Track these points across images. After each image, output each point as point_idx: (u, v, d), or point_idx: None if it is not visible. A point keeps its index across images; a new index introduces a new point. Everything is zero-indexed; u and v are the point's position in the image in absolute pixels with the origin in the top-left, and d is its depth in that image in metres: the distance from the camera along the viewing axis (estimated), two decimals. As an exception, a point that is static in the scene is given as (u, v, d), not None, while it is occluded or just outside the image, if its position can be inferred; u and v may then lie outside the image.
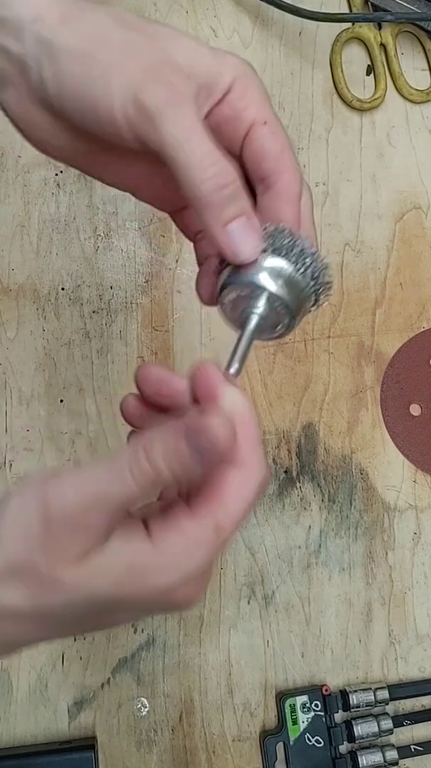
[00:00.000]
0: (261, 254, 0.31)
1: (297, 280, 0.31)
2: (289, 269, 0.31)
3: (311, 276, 0.32)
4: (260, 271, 0.31)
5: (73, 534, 0.27)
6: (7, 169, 0.57)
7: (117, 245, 0.58)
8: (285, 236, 0.31)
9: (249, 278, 0.31)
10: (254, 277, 0.31)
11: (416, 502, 0.59)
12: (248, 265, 0.31)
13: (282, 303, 0.31)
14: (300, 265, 0.31)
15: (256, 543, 0.56)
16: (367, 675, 0.56)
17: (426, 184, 0.64)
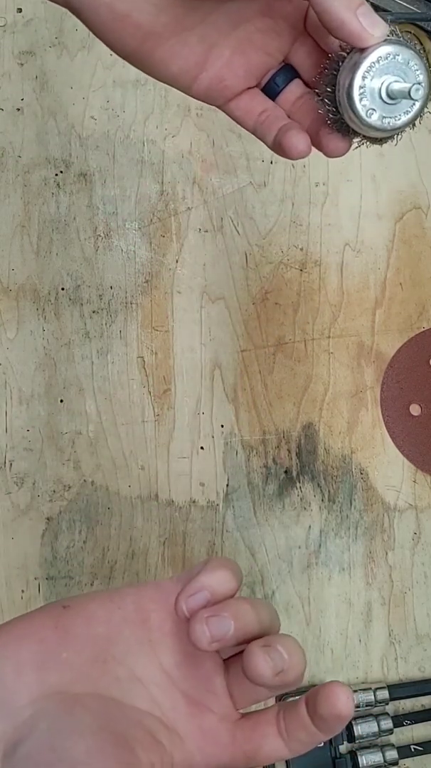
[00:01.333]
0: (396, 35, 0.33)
1: (415, 46, 0.33)
2: (403, 38, 0.33)
3: (417, 47, 0.33)
4: (382, 44, 0.32)
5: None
6: (7, 169, 0.57)
7: (117, 245, 0.58)
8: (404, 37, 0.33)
9: (378, 50, 0.32)
10: (380, 47, 0.32)
11: (416, 502, 0.59)
12: (366, 50, 0.32)
13: (413, 60, 0.33)
14: (407, 38, 0.33)
15: (256, 543, 0.56)
16: (367, 675, 0.56)
17: (426, 184, 0.64)
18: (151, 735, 0.29)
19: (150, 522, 0.55)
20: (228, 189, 0.60)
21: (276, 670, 0.29)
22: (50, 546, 0.53)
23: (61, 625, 0.30)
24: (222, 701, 0.32)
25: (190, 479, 0.56)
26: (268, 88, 0.37)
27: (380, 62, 0.32)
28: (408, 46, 0.33)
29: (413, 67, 0.33)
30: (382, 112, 0.34)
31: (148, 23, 0.33)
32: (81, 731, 0.27)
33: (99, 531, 0.54)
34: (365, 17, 0.31)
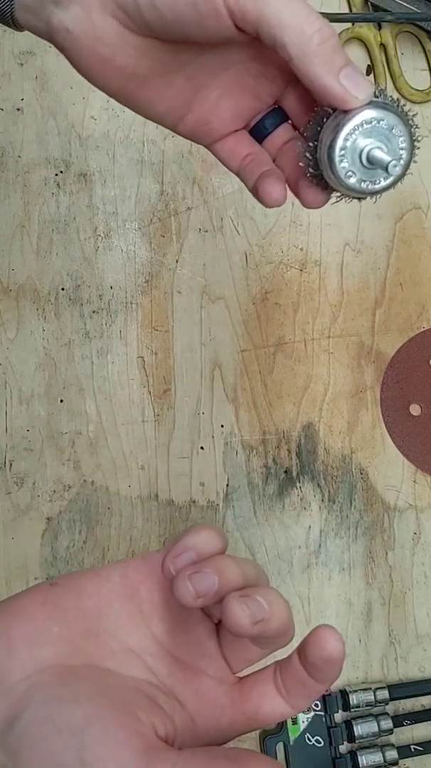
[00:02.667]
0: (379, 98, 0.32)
1: (399, 110, 0.33)
2: (389, 101, 0.33)
3: (406, 111, 0.33)
4: (365, 107, 0.32)
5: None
6: (7, 169, 0.57)
7: (117, 245, 0.58)
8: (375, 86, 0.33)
9: (361, 114, 0.32)
10: (363, 111, 0.32)
11: (416, 502, 0.59)
12: (349, 112, 0.32)
13: (396, 127, 0.32)
14: (392, 101, 0.33)
15: (256, 543, 0.56)
16: (367, 675, 0.56)
17: (426, 184, 0.64)
18: (150, 699, 0.29)
19: (150, 522, 0.55)
20: (228, 189, 0.60)
21: (254, 619, 0.28)
22: (50, 546, 0.53)
23: (49, 602, 0.30)
24: (217, 664, 0.32)
25: (190, 479, 0.56)
26: (256, 130, 0.37)
27: (363, 126, 0.32)
28: (394, 110, 0.32)
29: (396, 133, 0.33)
30: (361, 175, 0.33)
31: (131, 66, 0.33)
32: (77, 699, 0.27)
33: (99, 531, 0.54)
34: (349, 79, 0.31)
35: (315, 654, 0.30)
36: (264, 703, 0.31)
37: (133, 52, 0.32)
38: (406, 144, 0.33)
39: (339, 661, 0.30)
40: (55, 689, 0.28)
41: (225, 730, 0.31)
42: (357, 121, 0.32)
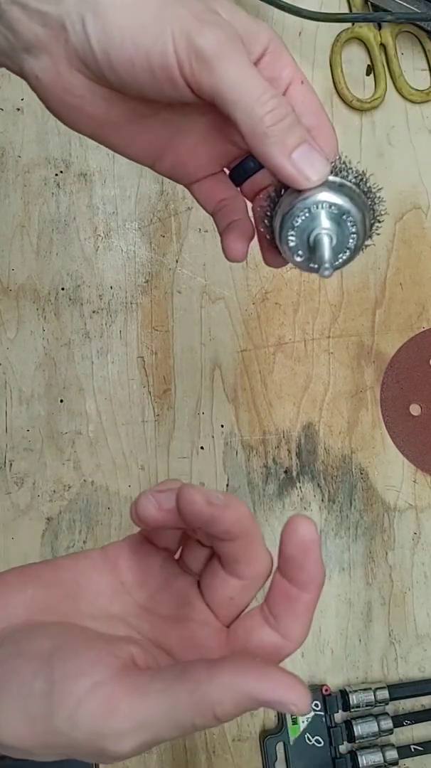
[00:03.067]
0: (334, 177, 0.31)
1: (356, 192, 0.31)
2: (347, 182, 0.31)
3: (367, 189, 0.32)
4: (321, 188, 0.31)
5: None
6: (7, 169, 0.57)
7: (117, 245, 0.58)
8: (337, 160, 0.32)
9: (313, 197, 0.31)
10: (317, 193, 0.31)
11: (416, 502, 0.59)
12: (304, 191, 0.31)
13: (348, 214, 0.31)
14: (354, 179, 0.32)
15: (256, 543, 0.56)
16: (367, 675, 0.56)
17: (426, 184, 0.64)
18: (130, 638, 0.29)
19: (150, 522, 0.55)
20: (228, 189, 0.60)
21: (207, 498, 0.28)
22: (50, 546, 0.53)
23: (26, 572, 0.30)
24: (200, 608, 0.31)
25: (190, 479, 0.56)
26: (235, 174, 0.37)
27: (312, 210, 0.31)
28: (349, 193, 0.31)
29: (348, 221, 0.31)
30: (307, 256, 0.32)
31: (102, 114, 0.33)
32: (46, 634, 0.27)
33: (99, 531, 0.54)
34: (301, 160, 0.30)
35: (290, 543, 0.29)
36: (253, 636, 0.30)
37: (102, 102, 0.32)
38: (358, 231, 0.32)
39: (315, 546, 0.28)
40: (26, 632, 0.28)
41: None
42: (308, 203, 0.31)
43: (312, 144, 0.31)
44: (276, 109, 0.30)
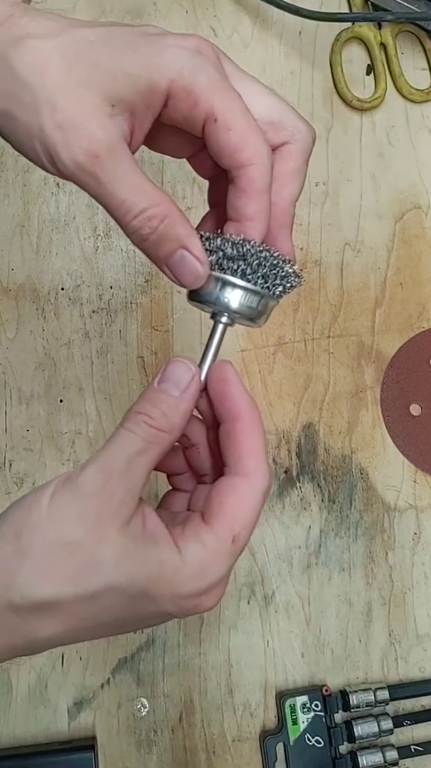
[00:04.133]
0: (220, 273, 0.32)
1: (249, 292, 0.32)
2: (247, 288, 0.32)
3: (272, 287, 0.33)
4: (213, 291, 0.32)
5: (107, 506, 0.29)
6: (6, 169, 0.57)
7: (117, 245, 0.58)
8: (245, 252, 0.32)
9: (208, 299, 0.33)
10: (212, 298, 0.32)
11: (416, 502, 0.59)
12: (208, 283, 0.32)
13: (241, 314, 0.33)
14: (253, 277, 0.32)
15: (256, 543, 0.56)
16: (367, 675, 0.56)
17: (426, 184, 0.64)
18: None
19: (150, 522, 0.54)
20: (228, 189, 0.60)
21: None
22: (50, 546, 0.53)
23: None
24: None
25: (189, 479, 0.56)
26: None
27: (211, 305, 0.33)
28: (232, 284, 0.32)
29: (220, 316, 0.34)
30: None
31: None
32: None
33: (99, 531, 0.54)
34: (175, 268, 0.32)
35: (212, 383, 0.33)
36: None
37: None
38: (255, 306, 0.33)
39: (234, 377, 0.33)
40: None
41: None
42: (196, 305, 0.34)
43: (190, 248, 0.31)
44: (145, 223, 0.30)
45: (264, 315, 0.34)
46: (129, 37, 0.30)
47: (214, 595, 0.31)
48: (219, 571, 0.30)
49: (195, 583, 0.30)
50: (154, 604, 0.30)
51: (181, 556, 0.30)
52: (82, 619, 0.29)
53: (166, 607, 0.30)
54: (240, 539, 0.31)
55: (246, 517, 0.31)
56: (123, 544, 0.29)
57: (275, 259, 0.32)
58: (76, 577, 0.28)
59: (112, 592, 0.29)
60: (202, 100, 0.30)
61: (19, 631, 0.29)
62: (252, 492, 0.31)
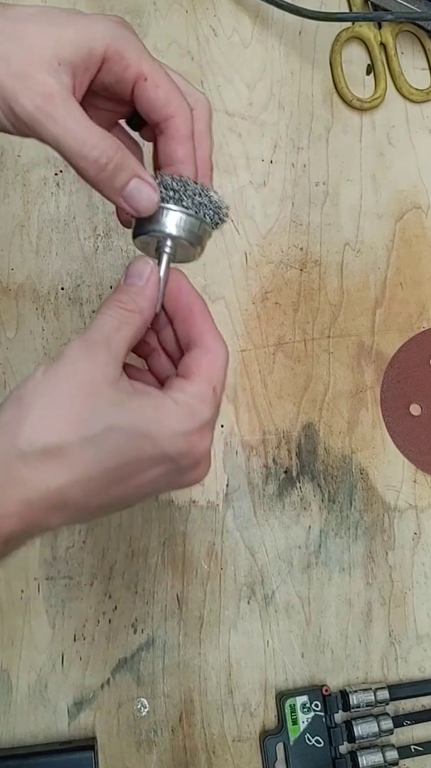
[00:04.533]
0: (161, 204, 0.37)
1: (193, 220, 0.37)
2: (184, 213, 0.37)
3: (206, 212, 0.37)
4: (159, 220, 0.37)
5: (94, 367, 0.32)
6: (6, 169, 0.57)
7: (116, 245, 0.58)
8: (179, 183, 0.37)
9: (152, 228, 0.37)
10: (156, 226, 0.37)
11: (416, 502, 0.59)
12: (152, 214, 0.37)
13: (183, 240, 0.37)
14: (193, 207, 0.37)
15: (256, 543, 0.56)
16: (367, 675, 0.56)
17: (426, 184, 0.64)
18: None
19: (150, 522, 0.54)
20: (228, 189, 0.60)
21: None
22: (50, 546, 0.53)
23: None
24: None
25: (189, 479, 0.56)
26: (130, 124, 0.41)
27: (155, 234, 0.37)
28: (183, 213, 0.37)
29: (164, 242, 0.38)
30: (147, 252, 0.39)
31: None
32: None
33: (99, 531, 0.54)
34: (131, 196, 0.36)
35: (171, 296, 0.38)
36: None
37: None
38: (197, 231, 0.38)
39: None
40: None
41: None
42: (142, 241, 0.38)
43: (142, 176, 0.36)
44: (98, 158, 0.34)
45: (201, 244, 0.38)
46: (65, 13, 0.35)
47: (201, 442, 0.34)
48: (206, 413, 0.34)
49: (188, 421, 0.33)
50: (154, 445, 0.32)
51: (172, 400, 0.34)
52: (88, 464, 0.31)
53: (165, 447, 0.33)
54: (218, 390, 0.35)
55: (219, 375, 0.35)
56: (116, 394, 0.32)
57: (208, 191, 0.38)
58: (76, 422, 0.31)
59: (113, 432, 0.32)
60: (132, 62, 0.35)
61: (31, 483, 0.31)
62: (220, 356, 0.36)
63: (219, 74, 0.61)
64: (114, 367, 0.33)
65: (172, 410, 0.33)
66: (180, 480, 0.36)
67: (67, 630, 0.52)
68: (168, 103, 0.36)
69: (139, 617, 0.53)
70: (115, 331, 0.34)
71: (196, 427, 0.34)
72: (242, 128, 0.61)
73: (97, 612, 0.53)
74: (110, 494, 0.33)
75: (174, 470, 0.34)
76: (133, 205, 0.36)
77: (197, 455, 0.34)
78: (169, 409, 0.33)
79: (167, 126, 0.36)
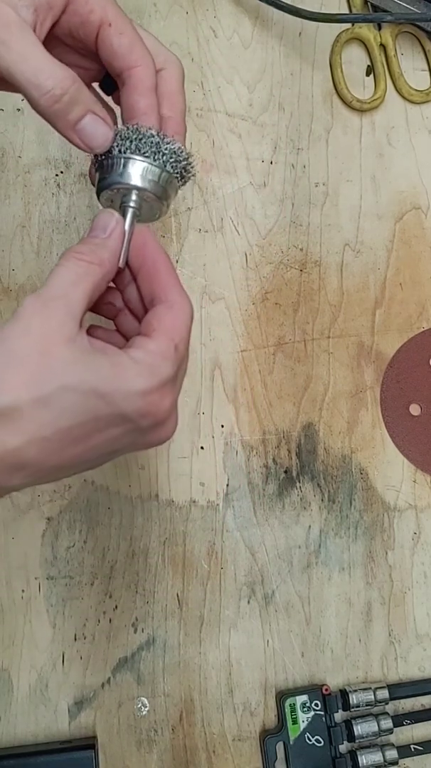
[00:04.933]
0: (120, 155, 0.36)
1: (155, 169, 0.36)
2: (145, 162, 0.36)
3: (168, 161, 0.36)
4: (122, 171, 0.36)
5: (48, 323, 0.31)
6: (7, 170, 0.57)
7: (117, 245, 0.58)
8: (139, 132, 0.36)
9: (114, 180, 0.36)
10: (117, 178, 0.36)
11: (416, 502, 0.59)
12: (113, 167, 0.36)
13: (148, 191, 0.36)
14: (154, 156, 0.36)
15: (256, 543, 0.56)
16: (367, 675, 0.56)
17: (426, 184, 0.64)
18: None
19: (150, 522, 0.55)
20: (228, 189, 0.60)
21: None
22: (50, 546, 0.53)
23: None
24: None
25: (190, 479, 0.56)
26: (102, 87, 0.40)
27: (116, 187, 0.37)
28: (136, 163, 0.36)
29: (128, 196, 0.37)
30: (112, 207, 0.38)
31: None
32: None
33: (99, 531, 0.54)
34: (84, 131, 0.35)
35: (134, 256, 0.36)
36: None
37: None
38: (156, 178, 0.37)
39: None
40: None
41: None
42: (105, 195, 0.37)
43: (97, 112, 0.35)
44: (53, 89, 0.33)
45: (166, 197, 0.37)
46: None
47: (162, 401, 0.33)
48: (167, 370, 0.33)
49: (145, 379, 0.32)
50: (110, 405, 0.31)
51: (130, 358, 0.32)
52: (43, 425, 0.31)
53: (122, 406, 0.32)
54: (181, 349, 0.34)
55: (182, 332, 0.34)
56: (71, 352, 0.31)
57: (170, 141, 0.36)
58: (29, 383, 0.30)
59: (66, 392, 0.31)
60: (97, 7, 0.35)
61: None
62: (183, 313, 0.35)
63: (220, 75, 0.61)
64: (70, 323, 0.32)
65: (130, 368, 0.32)
66: (143, 440, 0.34)
67: (67, 629, 0.52)
68: (131, 50, 0.35)
69: (139, 617, 0.53)
70: (72, 285, 0.33)
71: (155, 386, 0.32)
72: (242, 129, 0.61)
73: (97, 611, 0.53)
74: (68, 454, 0.32)
75: (134, 430, 0.33)
76: (86, 142, 0.35)
77: (158, 415, 0.33)
78: (126, 368, 0.32)
79: (129, 76, 0.36)
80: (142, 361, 0.33)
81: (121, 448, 0.34)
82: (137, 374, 0.32)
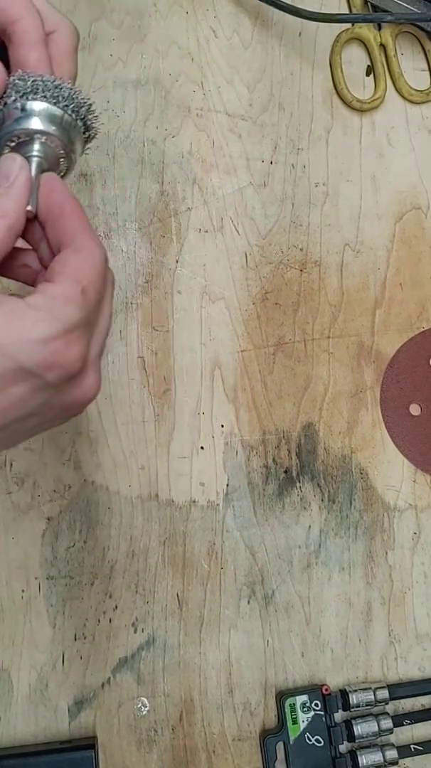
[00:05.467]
0: (16, 101, 0.34)
1: (55, 111, 0.34)
2: (44, 103, 0.34)
3: (69, 106, 0.35)
4: (19, 116, 0.34)
5: None
6: (7, 170, 0.57)
7: (117, 246, 0.58)
8: (33, 77, 0.34)
9: (11, 128, 0.34)
10: (15, 125, 0.34)
11: (416, 502, 0.59)
12: (10, 115, 0.34)
13: (51, 133, 0.34)
14: (53, 97, 0.34)
15: (256, 543, 0.56)
16: (367, 675, 0.56)
17: (426, 184, 0.64)
18: None
19: (150, 522, 0.55)
20: (228, 189, 0.60)
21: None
22: (50, 546, 0.53)
23: None
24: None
25: (190, 479, 0.56)
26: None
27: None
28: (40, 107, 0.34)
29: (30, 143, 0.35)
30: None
31: None
32: None
33: (99, 531, 0.54)
34: None
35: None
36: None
37: None
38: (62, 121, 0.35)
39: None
40: None
41: None
42: (6, 147, 0.35)
43: None
44: None
45: (71, 143, 0.35)
46: None
47: (74, 346, 0.30)
48: (71, 315, 0.30)
49: (47, 326, 0.29)
50: (6, 357, 0.28)
51: (28, 304, 0.29)
52: None
53: (20, 358, 0.29)
54: (90, 291, 0.31)
55: (90, 275, 0.31)
56: None
57: (67, 85, 0.35)
58: None
59: None
60: None
61: None
62: (92, 256, 0.31)
63: (220, 75, 0.61)
64: None
65: (28, 316, 0.29)
66: (59, 401, 0.31)
67: (67, 629, 0.52)
68: (11, 5, 0.33)
69: (139, 617, 0.53)
70: None
71: (58, 332, 0.29)
72: (242, 129, 0.61)
73: (97, 611, 0.53)
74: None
75: (42, 388, 0.30)
76: None
77: (66, 366, 0.30)
78: (22, 315, 0.29)
79: (14, 31, 0.34)
80: (41, 306, 0.29)
81: (35, 412, 0.31)
82: (35, 321, 0.29)
